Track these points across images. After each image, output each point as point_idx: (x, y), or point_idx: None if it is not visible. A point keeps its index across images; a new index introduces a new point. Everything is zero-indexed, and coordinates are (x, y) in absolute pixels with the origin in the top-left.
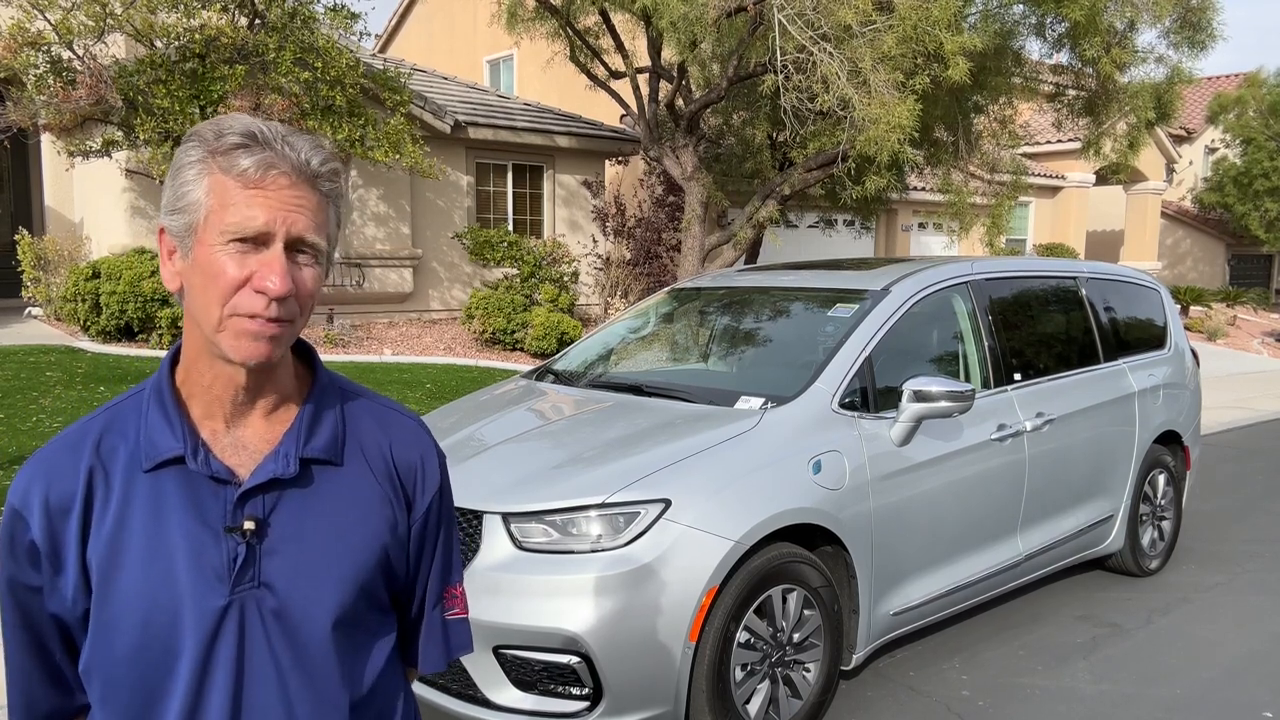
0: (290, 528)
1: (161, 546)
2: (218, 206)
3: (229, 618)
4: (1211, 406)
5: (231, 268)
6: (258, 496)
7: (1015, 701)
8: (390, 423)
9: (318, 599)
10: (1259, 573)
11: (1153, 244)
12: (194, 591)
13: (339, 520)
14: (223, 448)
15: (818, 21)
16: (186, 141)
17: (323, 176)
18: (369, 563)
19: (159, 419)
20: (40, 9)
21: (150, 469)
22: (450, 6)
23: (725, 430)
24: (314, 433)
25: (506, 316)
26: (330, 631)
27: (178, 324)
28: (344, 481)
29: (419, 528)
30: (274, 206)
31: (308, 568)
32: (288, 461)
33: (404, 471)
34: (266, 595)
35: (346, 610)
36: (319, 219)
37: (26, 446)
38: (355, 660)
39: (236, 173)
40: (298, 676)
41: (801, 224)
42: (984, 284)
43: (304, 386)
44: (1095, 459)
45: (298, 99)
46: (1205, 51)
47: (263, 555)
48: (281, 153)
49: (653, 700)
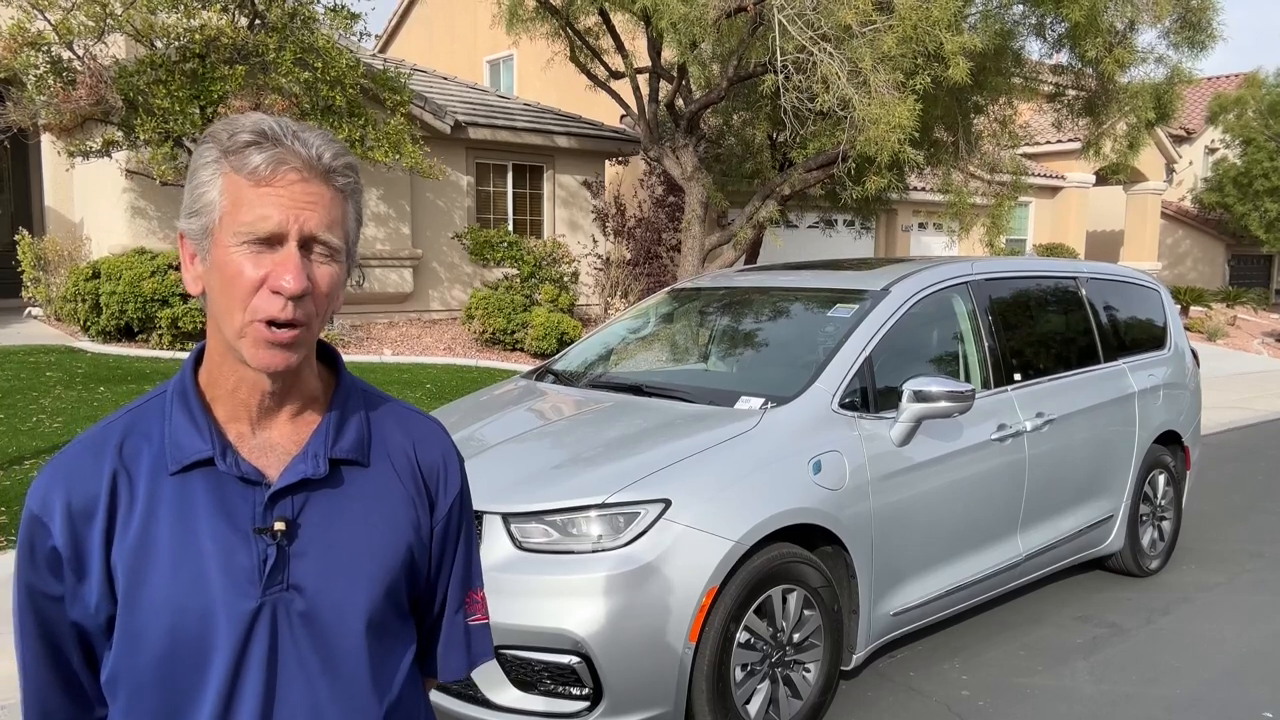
0: (320, 529)
1: (190, 550)
2: (231, 207)
3: (260, 621)
4: (1211, 406)
5: (248, 268)
6: (287, 498)
7: (1015, 701)
8: (412, 425)
9: (349, 600)
10: (1259, 572)
11: (1153, 244)
12: (225, 595)
13: (368, 521)
14: (250, 450)
15: (818, 21)
16: (202, 143)
17: (336, 171)
18: (396, 563)
19: (184, 421)
20: (40, 9)
21: (177, 471)
22: (450, 7)
23: (725, 430)
24: (341, 434)
25: (506, 317)
26: (362, 634)
27: (178, 324)
28: (371, 482)
29: (441, 529)
30: (285, 204)
31: (338, 569)
32: (317, 462)
33: (427, 472)
34: (296, 598)
35: (376, 612)
36: (333, 215)
37: (26, 446)
38: (384, 666)
39: (247, 171)
40: (328, 681)
41: (801, 224)
42: (984, 284)
43: (328, 389)
44: (1095, 459)
45: (298, 99)
46: (1205, 52)
47: (292, 557)
48: (292, 149)
49: (653, 700)
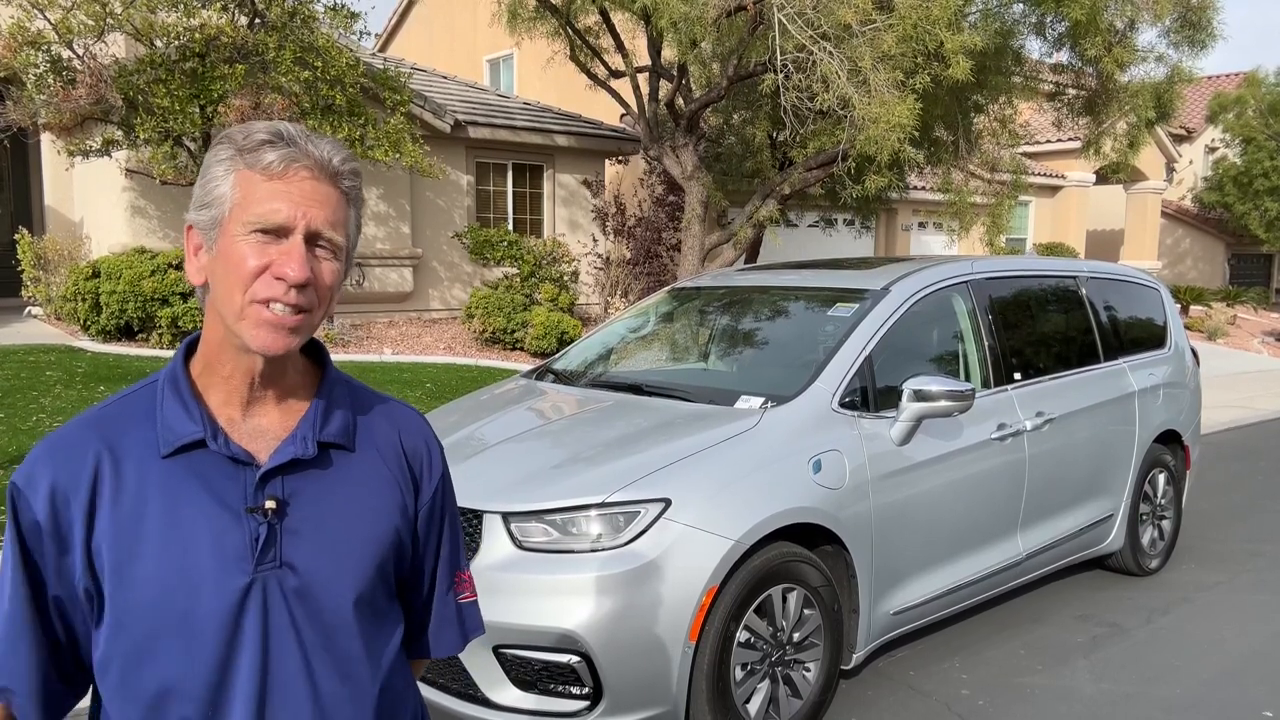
0: (310, 508)
1: (180, 530)
2: (242, 199)
3: (252, 597)
4: (1212, 406)
5: (252, 256)
6: (277, 478)
7: (1015, 701)
8: (396, 414)
9: (339, 576)
10: (1259, 572)
11: (1153, 243)
12: (215, 573)
13: (355, 501)
14: (240, 434)
15: (818, 21)
16: (216, 144)
17: (343, 174)
18: (385, 544)
19: (176, 406)
20: (40, 8)
21: (168, 454)
22: (450, 6)
23: (725, 429)
24: (329, 419)
25: (506, 316)
26: (353, 609)
27: (178, 323)
28: (358, 466)
29: (426, 511)
30: (295, 200)
31: (328, 546)
32: (306, 444)
33: (412, 457)
34: (289, 574)
35: (366, 589)
36: (338, 215)
37: (26, 446)
38: (376, 643)
39: (261, 166)
40: (322, 655)
41: (801, 223)
42: (984, 283)
43: (314, 380)
44: (1095, 458)
45: (297, 98)
46: (1205, 51)
47: (284, 535)
48: (304, 149)
49: (652, 700)
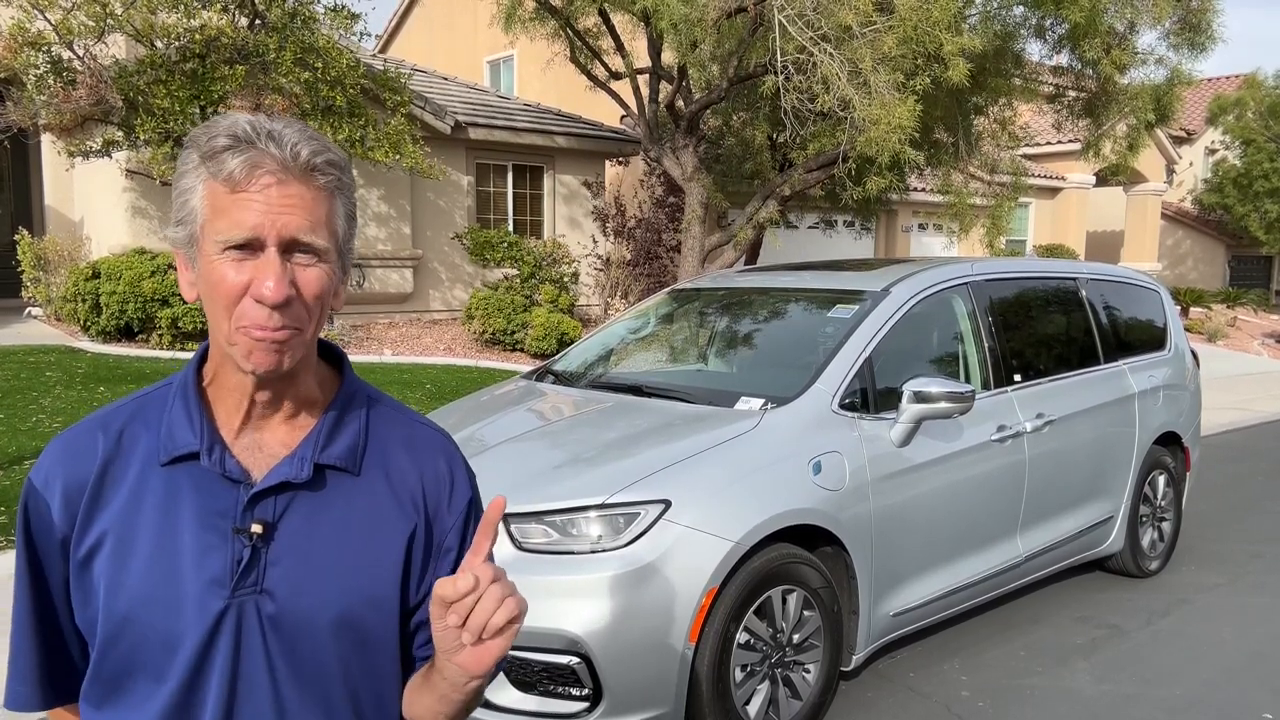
0: (299, 535)
1: (169, 543)
2: (211, 214)
3: (226, 621)
4: (1211, 407)
5: (230, 275)
6: (269, 499)
7: (1015, 702)
8: (417, 435)
9: (320, 607)
10: (1259, 574)
11: (1153, 245)
12: (196, 591)
13: (349, 531)
14: (240, 449)
15: (818, 22)
16: (185, 148)
17: (317, 169)
18: (380, 574)
19: (181, 414)
20: (40, 9)
21: (166, 463)
22: (450, 7)
23: (725, 431)
24: (333, 439)
25: (507, 317)
26: (331, 642)
27: (178, 324)
28: (359, 492)
29: (446, 541)
30: (261, 210)
31: (312, 576)
32: (302, 465)
33: (430, 483)
34: (266, 601)
35: (350, 621)
36: (315, 216)
37: (26, 446)
38: (366, 675)
39: (223, 176)
40: (293, 686)
41: (801, 225)
42: (984, 285)
43: (330, 393)
44: (1095, 460)
45: (298, 99)
46: (1205, 53)
47: (268, 560)
48: (266, 150)
49: (653, 701)
